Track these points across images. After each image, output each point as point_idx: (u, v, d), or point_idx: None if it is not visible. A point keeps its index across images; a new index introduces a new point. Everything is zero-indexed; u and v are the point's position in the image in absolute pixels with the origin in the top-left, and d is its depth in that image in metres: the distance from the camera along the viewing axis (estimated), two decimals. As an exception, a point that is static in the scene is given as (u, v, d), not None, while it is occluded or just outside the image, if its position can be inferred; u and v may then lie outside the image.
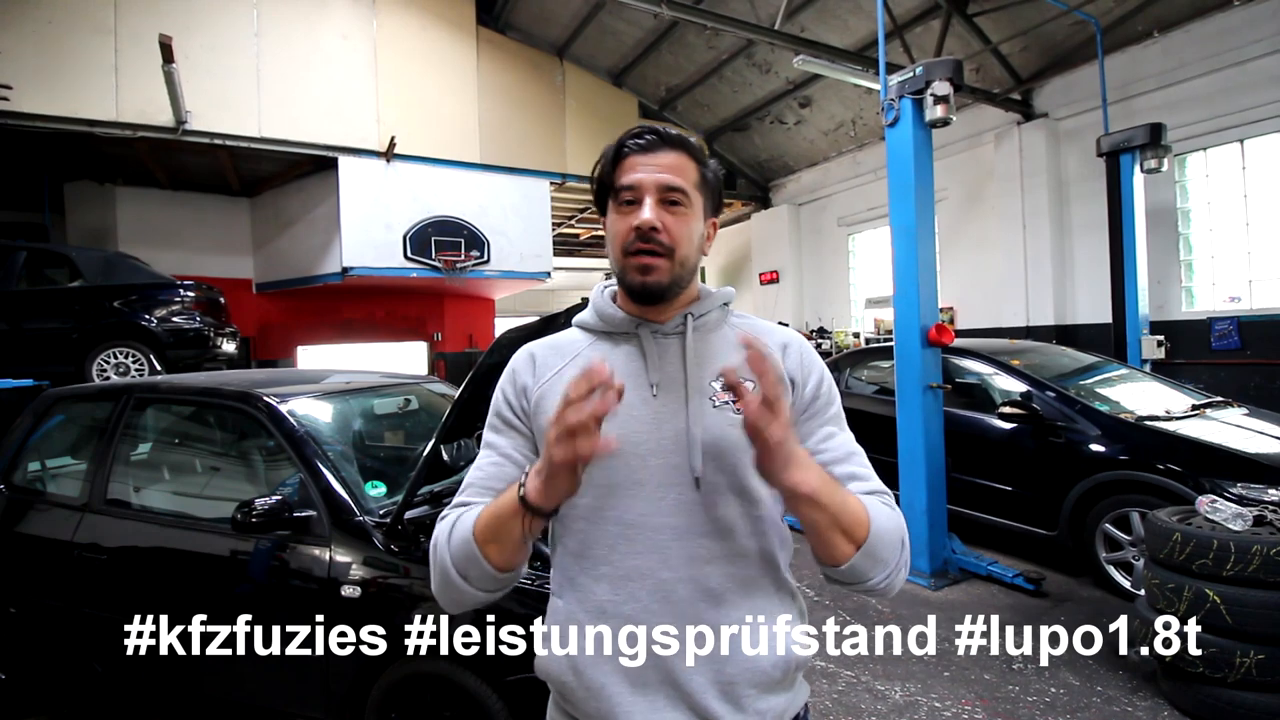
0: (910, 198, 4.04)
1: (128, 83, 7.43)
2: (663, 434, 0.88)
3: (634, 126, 0.93)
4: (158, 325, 6.19)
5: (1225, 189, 6.50)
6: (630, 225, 0.88)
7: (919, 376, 4.01)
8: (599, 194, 0.94)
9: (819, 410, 0.93)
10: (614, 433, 0.86)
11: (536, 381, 0.94)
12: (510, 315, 14.39)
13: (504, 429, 0.95)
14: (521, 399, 0.94)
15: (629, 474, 0.87)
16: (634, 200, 0.88)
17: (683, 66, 10.29)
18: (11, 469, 2.86)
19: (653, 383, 0.90)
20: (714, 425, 0.88)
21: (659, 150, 0.89)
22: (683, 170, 0.89)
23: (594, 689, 0.86)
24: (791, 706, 0.91)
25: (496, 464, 0.93)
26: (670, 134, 0.91)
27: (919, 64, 4.04)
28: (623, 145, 0.91)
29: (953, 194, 8.56)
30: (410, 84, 9.32)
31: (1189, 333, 6.55)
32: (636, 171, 0.88)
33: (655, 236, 0.87)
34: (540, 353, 0.98)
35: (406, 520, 2.07)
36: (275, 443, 2.38)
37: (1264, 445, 3.52)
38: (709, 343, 0.94)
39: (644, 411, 0.89)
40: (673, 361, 0.92)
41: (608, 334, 0.96)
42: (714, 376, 0.90)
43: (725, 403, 0.88)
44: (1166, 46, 6.57)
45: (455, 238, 9.45)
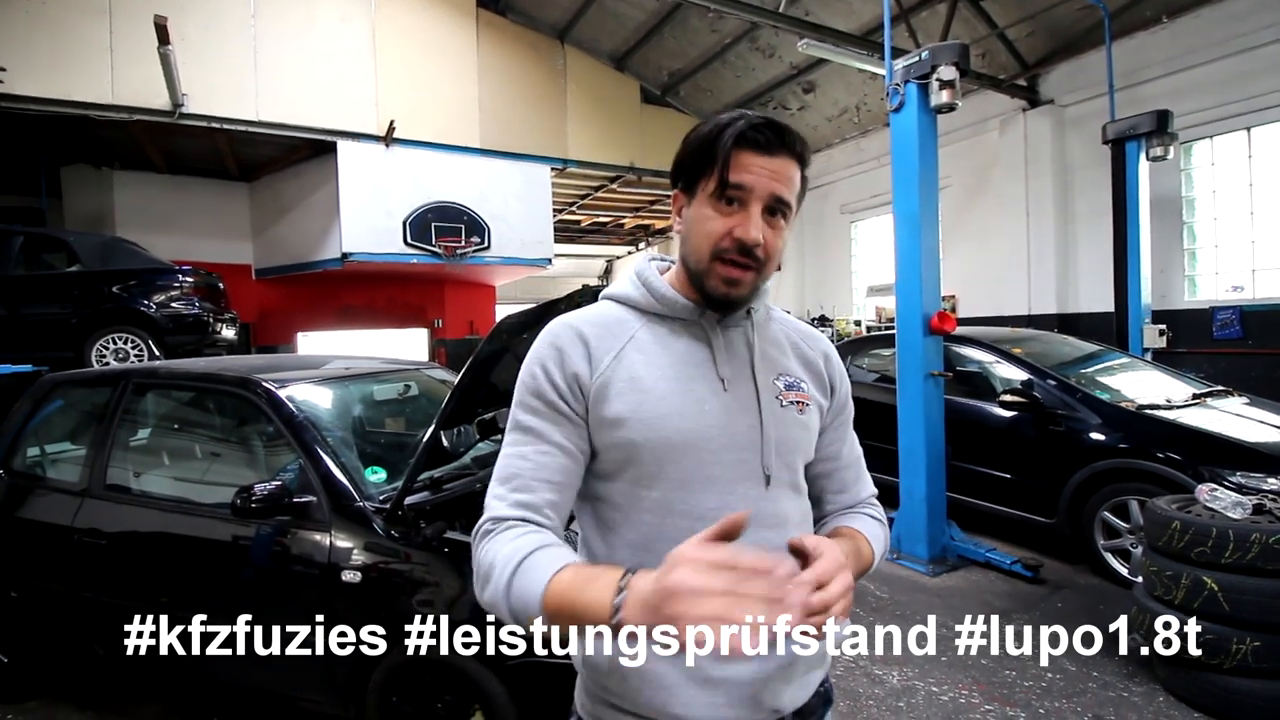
0: (914, 184, 4.01)
1: (123, 65, 7.35)
2: (735, 429, 0.87)
3: (751, 114, 0.82)
4: (157, 311, 6.17)
5: (1231, 177, 6.45)
6: (729, 230, 0.82)
7: (920, 364, 4.00)
8: (689, 171, 0.86)
9: (846, 417, 1.02)
10: (689, 426, 0.84)
11: (594, 369, 0.86)
12: (511, 302, 14.34)
13: (553, 415, 0.86)
14: (574, 385, 0.86)
15: (701, 469, 0.85)
16: (738, 201, 0.82)
17: (685, 50, 10.17)
18: (11, 454, 2.86)
19: (723, 376, 0.88)
20: (782, 423, 0.89)
21: (778, 153, 0.82)
22: (792, 180, 0.83)
23: (651, 678, 0.83)
24: (823, 673, 0.97)
25: (548, 454, 0.85)
26: (792, 134, 0.83)
27: (925, 48, 3.98)
28: (743, 135, 0.81)
29: (956, 181, 8.50)
30: (409, 67, 9.22)
31: (1191, 322, 6.53)
32: (750, 172, 0.81)
33: (754, 252, 0.82)
34: (591, 332, 0.89)
35: (407, 506, 2.07)
36: (275, 428, 2.38)
37: (1264, 434, 3.53)
38: (765, 338, 0.94)
39: (716, 405, 0.86)
40: (738, 355, 0.90)
41: (662, 317, 0.91)
42: (775, 374, 0.92)
43: (792, 402, 0.91)
44: (1175, 32, 6.48)
45: (455, 223, 9.40)
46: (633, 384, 0.85)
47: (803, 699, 0.90)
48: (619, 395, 0.85)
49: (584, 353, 0.87)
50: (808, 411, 0.92)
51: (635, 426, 0.83)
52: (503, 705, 1.88)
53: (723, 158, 0.81)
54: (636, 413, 0.84)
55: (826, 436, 0.98)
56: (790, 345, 0.97)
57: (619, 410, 0.84)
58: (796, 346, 0.98)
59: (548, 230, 10.52)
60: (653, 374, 0.86)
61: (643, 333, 0.90)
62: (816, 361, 0.98)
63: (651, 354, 0.88)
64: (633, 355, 0.87)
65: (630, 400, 0.84)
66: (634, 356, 0.87)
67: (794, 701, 0.89)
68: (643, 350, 0.88)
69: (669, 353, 0.88)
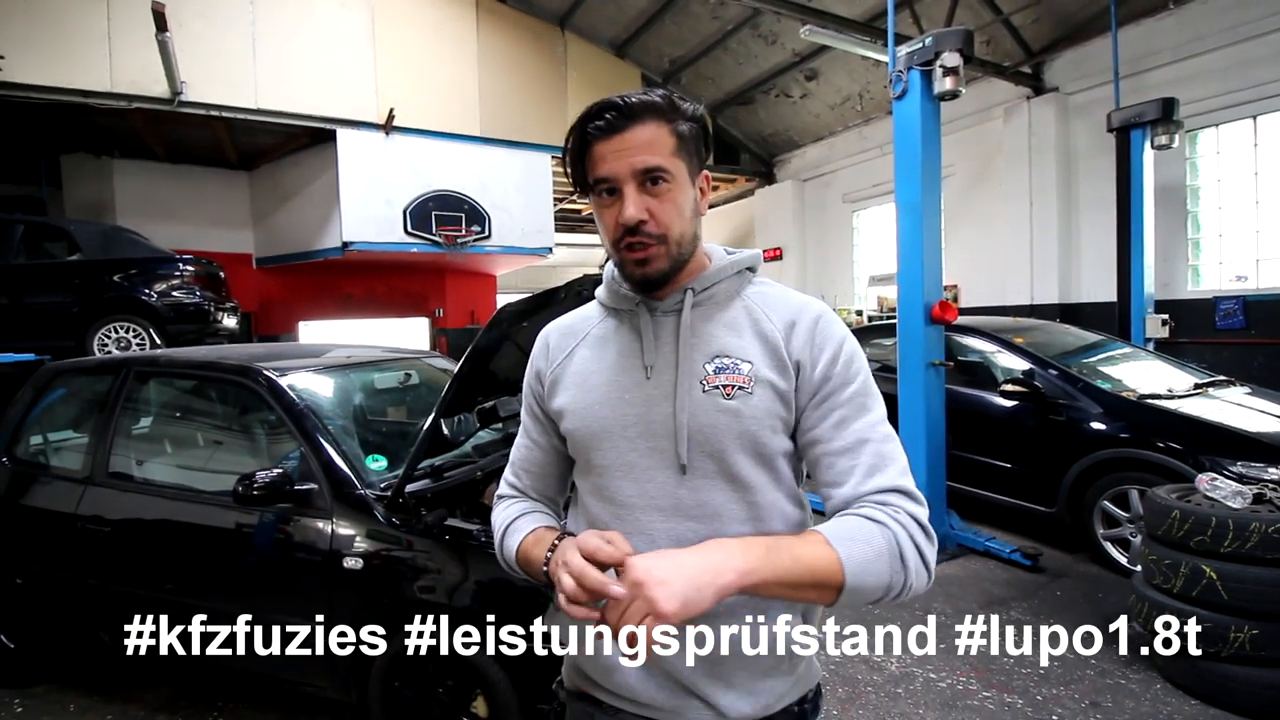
0: (917, 173, 3.98)
1: (121, 52, 7.30)
2: (653, 417, 0.87)
3: (591, 105, 0.82)
4: (158, 300, 6.18)
5: (1236, 166, 6.40)
6: (616, 219, 0.83)
7: (921, 354, 3.99)
8: (576, 182, 0.88)
9: (830, 393, 0.84)
10: (607, 414, 0.89)
11: (549, 365, 0.97)
12: (512, 291, 14.29)
13: (532, 413, 1.02)
14: (537, 384, 0.99)
15: (619, 456, 0.89)
16: (613, 191, 0.83)
17: (686, 37, 10.07)
18: (14, 442, 2.88)
19: (648, 365, 0.88)
20: (701, 410, 0.84)
21: (625, 128, 0.80)
22: (656, 143, 0.81)
23: (601, 658, 0.90)
24: (791, 688, 0.89)
25: (527, 447, 1.02)
26: (631, 103, 0.81)
27: (928, 34, 3.95)
28: (585, 133, 0.82)
29: (959, 170, 8.44)
30: (409, 54, 9.14)
31: (1194, 312, 6.50)
32: (607, 161, 0.81)
33: (643, 229, 0.82)
34: (554, 336, 1.00)
35: (408, 493, 2.08)
36: (276, 416, 2.38)
37: (1265, 424, 3.52)
38: (711, 319, 0.89)
39: (637, 395, 0.88)
40: (668, 342, 0.88)
41: (617, 310, 0.94)
42: (709, 357, 0.86)
43: (716, 386, 0.84)
44: (1181, 19, 6.41)
45: (456, 212, 9.36)
46: (575, 378, 0.93)
47: (748, 711, 0.86)
48: (564, 390, 0.94)
49: (546, 353, 0.99)
50: (740, 396, 0.84)
51: (569, 417, 0.92)
52: (503, 691, 1.89)
53: (583, 160, 0.85)
54: (571, 404, 0.92)
55: (810, 419, 0.85)
56: (751, 322, 0.88)
57: (561, 403, 0.94)
58: (757, 323, 0.88)
59: (548, 219, 10.48)
60: (593, 368, 0.93)
61: (597, 329, 0.96)
62: (774, 336, 0.86)
63: (599, 348, 0.94)
64: (582, 352, 0.95)
65: (571, 394, 0.93)
66: (582, 353, 0.95)
67: (737, 710, 0.85)
68: (591, 346, 0.95)
69: (612, 347, 0.93)
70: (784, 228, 11.48)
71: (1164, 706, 2.52)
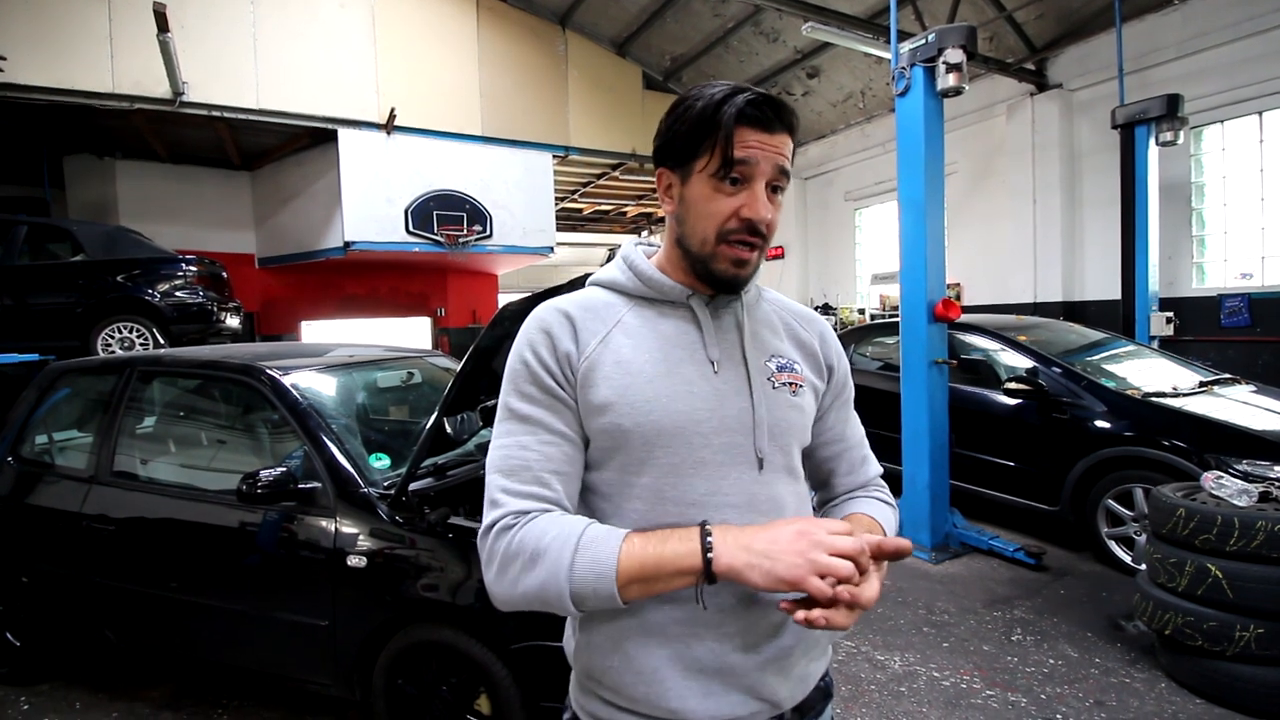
0: (920, 170, 3.97)
1: (123, 53, 7.32)
2: (726, 412, 0.84)
3: (744, 87, 0.80)
4: (161, 300, 6.20)
5: (1241, 163, 6.36)
6: (735, 210, 0.80)
7: (924, 352, 3.99)
8: (682, 149, 0.82)
9: (847, 398, 1.00)
10: (678, 409, 0.82)
11: (581, 350, 0.83)
12: (513, 291, 14.33)
13: (550, 402, 0.83)
14: (566, 367, 0.83)
15: (691, 453, 0.82)
16: (742, 180, 0.79)
17: (688, 35, 10.06)
18: (19, 442, 2.89)
19: (712, 359, 0.85)
20: (775, 406, 0.86)
21: (776, 129, 0.80)
22: (790, 155, 0.82)
23: (645, 673, 0.81)
24: (823, 667, 0.94)
25: (552, 444, 0.82)
26: (787, 108, 0.81)
27: (931, 31, 3.93)
28: (743, 112, 0.78)
29: (962, 167, 8.42)
30: (410, 53, 9.15)
31: (1199, 309, 6.48)
32: (752, 149, 0.78)
33: (763, 230, 0.81)
34: (577, 315, 0.86)
35: (411, 492, 2.08)
36: (279, 415, 2.39)
37: (1271, 422, 3.50)
38: (756, 319, 0.91)
39: (705, 389, 0.84)
40: (728, 337, 0.87)
41: (649, 300, 0.89)
42: (767, 355, 0.89)
43: (784, 384, 0.88)
44: (1186, 14, 6.37)
45: (457, 212, 9.37)
46: (619, 367, 0.82)
47: (801, 695, 0.88)
48: (605, 379, 0.82)
49: (571, 333, 0.84)
50: (800, 393, 0.89)
51: (623, 411, 0.81)
52: (507, 688, 1.90)
53: (725, 135, 0.78)
54: (624, 397, 0.81)
55: (830, 419, 0.97)
56: (783, 326, 0.95)
57: (606, 395, 0.81)
58: (790, 327, 0.95)
59: (550, 218, 10.48)
60: (640, 357, 0.83)
61: (630, 316, 0.87)
62: (811, 342, 0.95)
63: (639, 337, 0.85)
64: (619, 339, 0.84)
65: (617, 384, 0.81)
66: (620, 340, 0.84)
67: (792, 697, 0.86)
68: (629, 334, 0.85)
69: (657, 336, 0.86)
70: (786, 226, 11.43)
71: (1169, 705, 2.51)
